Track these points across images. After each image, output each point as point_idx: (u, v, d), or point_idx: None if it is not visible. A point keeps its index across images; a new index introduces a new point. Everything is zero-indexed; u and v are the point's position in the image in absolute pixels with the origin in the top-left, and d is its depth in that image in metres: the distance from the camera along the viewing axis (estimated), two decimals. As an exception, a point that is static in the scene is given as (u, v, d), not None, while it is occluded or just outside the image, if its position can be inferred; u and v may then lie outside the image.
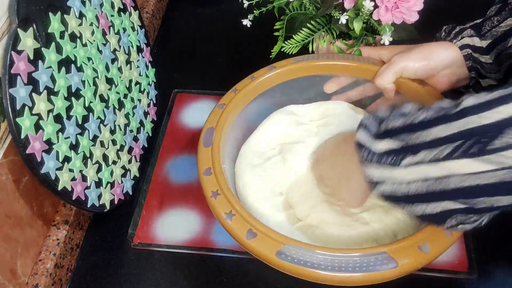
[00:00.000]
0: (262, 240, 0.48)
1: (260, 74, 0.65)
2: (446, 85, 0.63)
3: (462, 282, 0.58)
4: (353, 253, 0.46)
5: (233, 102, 0.61)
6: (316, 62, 0.66)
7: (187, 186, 0.69)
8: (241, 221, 0.49)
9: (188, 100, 0.81)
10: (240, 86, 0.63)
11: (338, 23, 0.64)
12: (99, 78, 0.61)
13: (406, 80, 0.62)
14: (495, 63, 0.60)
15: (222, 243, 0.63)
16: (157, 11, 0.94)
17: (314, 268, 0.45)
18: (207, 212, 0.66)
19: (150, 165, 0.72)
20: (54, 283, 0.58)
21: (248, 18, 0.69)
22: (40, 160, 0.50)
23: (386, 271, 0.45)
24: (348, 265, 0.45)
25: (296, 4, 0.68)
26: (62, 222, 0.61)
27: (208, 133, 0.58)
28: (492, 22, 0.60)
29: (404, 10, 0.62)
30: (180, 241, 0.64)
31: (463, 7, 0.83)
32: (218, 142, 0.57)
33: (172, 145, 0.75)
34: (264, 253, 0.47)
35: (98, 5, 0.61)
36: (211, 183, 0.53)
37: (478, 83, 0.63)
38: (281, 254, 0.46)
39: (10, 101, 0.46)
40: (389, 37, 0.63)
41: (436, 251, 0.47)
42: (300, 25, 0.68)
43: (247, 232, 0.48)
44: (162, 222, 0.66)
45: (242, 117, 0.63)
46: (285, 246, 0.47)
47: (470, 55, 0.61)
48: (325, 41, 0.68)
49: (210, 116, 0.60)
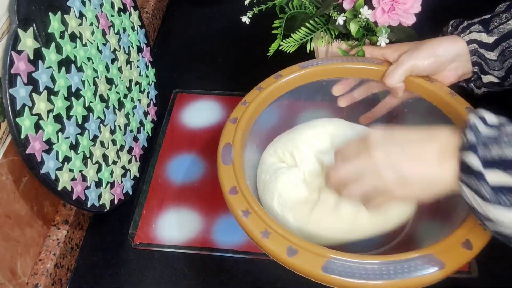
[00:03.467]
0: (305, 256, 0.46)
1: (267, 83, 0.64)
2: (453, 79, 0.63)
3: (463, 282, 0.58)
4: (400, 259, 0.45)
5: (245, 115, 0.60)
6: (323, 66, 0.66)
7: (188, 186, 0.69)
8: (279, 239, 0.48)
9: (188, 100, 0.81)
10: (249, 98, 0.62)
11: (336, 24, 0.64)
12: (99, 78, 0.61)
13: (414, 77, 0.62)
14: (498, 60, 0.60)
15: (223, 242, 0.63)
16: (157, 11, 0.94)
17: (363, 279, 0.45)
18: (207, 211, 0.66)
19: (150, 165, 0.72)
20: (54, 283, 0.58)
21: (247, 15, 0.68)
22: (40, 160, 0.50)
23: (434, 273, 0.45)
24: (397, 271, 0.45)
25: (296, 3, 0.68)
26: (62, 222, 0.61)
27: (226, 150, 0.56)
28: (500, 19, 0.60)
29: (400, 12, 0.61)
30: (180, 241, 0.64)
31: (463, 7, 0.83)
32: (239, 159, 0.55)
33: (173, 145, 0.75)
34: (309, 270, 0.46)
35: (98, 5, 0.61)
36: (240, 202, 0.51)
37: (480, 78, 0.63)
38: (327, 268, 0.45)
39: (10, 101, 0.46)
40: (385, 39, 0.63)
41: (478, 246, 0.46)
42: (300, 24, 0.68)
43: (288, 249, 0.47)
44: (162, 222, 0.66)
45: (254, 129, 0.62)
46: (330, 260, 0.46)
47: (476, 50, 0.61)
48: (323, 41, 0.68)
49: (225, 132, 0.59)
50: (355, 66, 0.65)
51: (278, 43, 0.68)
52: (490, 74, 0.62)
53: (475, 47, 0.61)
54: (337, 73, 0.66)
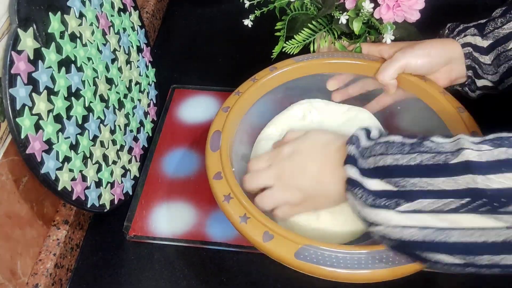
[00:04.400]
0: (280, 242, 0.47)
1: (262, 75, 0.64)
2: (446, 82, 0.63)
3: (460, 279, 0.58)
4: (374, 249, 0.46)
5: (237, 104, 0.61)
6: (318, 61, 0.66)
7: (183, 180, 0.70)
8: (257, 224, 0.49)
9: (186, 95, 0.81)
10: (242, 89, 0.63)
11: (339, 23, 0.64)
12: (99, 78, 0.61)
13: (408, 75, 0.62)
14: (493, 65, 0.60)
15: (216, 236, 0.64)
16: (157, 11, 0.94)
17: (333, 267, 0.45)
18: (202, 205, 0.67)
19: (147, 159, 0.72)
20: (54, 283, 0.58)
21: (249, 18, 0.69)
22: (40, 160, 0.50)
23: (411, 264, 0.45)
24: (368, 261, 0.45)
25: (297, 4, 0.68)
26: (62, 222, 0.61)
27: (215, 137, 0.57)
28: (495, 24, 0.60)
29: (405, 8, 0.62)
30: (175, 234, 0.64)
31: (464, 6, 0.84)
32: (226, 146, 0.56)
33: (169, 139, 0.75)
34: (282, 255, 0.47)
35: (98, 5, 0.61)
36: (223, 187, 0.52)
37: (474, 82, 0.63)
38: (299, 255, 0.46)
39: (10, 101, 0.46)
40: (391, 35, 0.63)
41: None
42: (301, 25, 0.68)
43: (264, 234, 0.48)
44: (157, 215, 0.66)
45: (246, 119, 0.63)
46: (303, 247, 0.46)
47: (470, 53, 0.61)
48: (327, 41, 0.68)
49: (215, 120, 0.60)
50: (350, 61, 0.66)
51: (282, 45, 0.68)
52: (484, 78, 0.62)
53: (469, 51, 0.61)
54: (332, 68, 0.67)
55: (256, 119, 0.66)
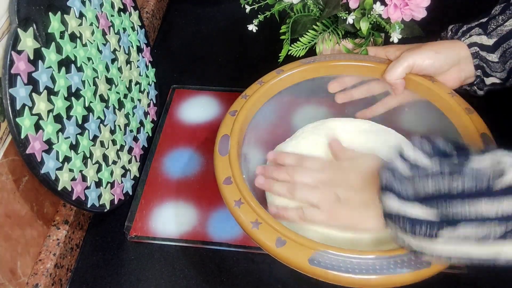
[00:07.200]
0: (293, 247, 0.47)
1: (268, 78, 0.64)
2: (455, 83, 0.63)
3: (460, 278, 0.58)
4: (388, 255, 0.46)
5: (244, 108, 0.60)
6: (325, 63, 0.66)
7: (184, 180, 0.70)
8: (269, 229, 0.48)
9: (186, 95, 0.81)
10: (249, 92, 0.62)
11: (345, 23, 0.64)
12: (99, 78, 0.61)
13: (415, 76, 0.62)
14: (500, 62, 0.60)
15: (217, 236, 0.63)
16: (157, 11, 0.94)
17: (349, 273, 0.45)
18: (203, 205, 0.67)
19: (147, 159, 0.72)
20: (54, 283, 0.58)
21: (254, 23, 0.68)
22: (40, 160, 0.50)
23: (423, 269, 0.45)
24: (383, 266, 0.45)
25: (299, 6, 0.68)
26: (62, 222, 0.61)
27: (223, 141, 0.57)
28: (497, 21, 0.60)
29: (413, 7, 0.62)
30: (176, 234, 0.64)
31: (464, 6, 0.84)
32: (235, 150, 0.56)
33: (169, 139, 0.75)
34: (296, 261, 0.46)
35: (98, 5, 0.61)
36: (233, 192, 0.52)
37: (483, 81, 0.63)
38: (313, 260, 0.46)
39: (10, 101, 0.46)
40: (398, 34, 0.63)
41: None
42: (302, 27, 0.68)
43: (277, 240, 0.47)
44: (158, 215, 0.66)
45: (253, 123, 0.62)
46: (317, 252, 0.46)
47: (477, 53, 0.61)
48: (331, 40, 0.68)
49: (223, 124, 0.59)
50: (357, 63, 0.65)
51: (287, 48, 0.68)
52: (492, 76, 0.62)
53: (476, 50, 0.61)
54: (339, 70, 0.66)
55: (263, 123, 0.65)
